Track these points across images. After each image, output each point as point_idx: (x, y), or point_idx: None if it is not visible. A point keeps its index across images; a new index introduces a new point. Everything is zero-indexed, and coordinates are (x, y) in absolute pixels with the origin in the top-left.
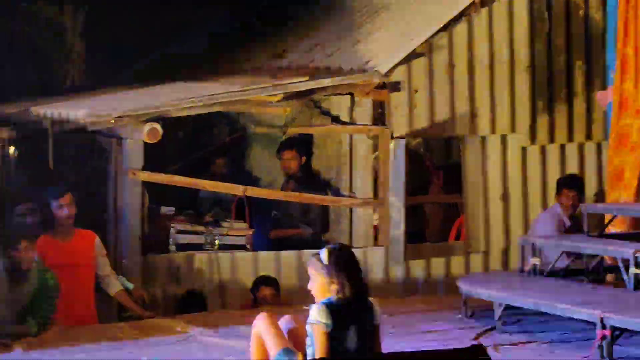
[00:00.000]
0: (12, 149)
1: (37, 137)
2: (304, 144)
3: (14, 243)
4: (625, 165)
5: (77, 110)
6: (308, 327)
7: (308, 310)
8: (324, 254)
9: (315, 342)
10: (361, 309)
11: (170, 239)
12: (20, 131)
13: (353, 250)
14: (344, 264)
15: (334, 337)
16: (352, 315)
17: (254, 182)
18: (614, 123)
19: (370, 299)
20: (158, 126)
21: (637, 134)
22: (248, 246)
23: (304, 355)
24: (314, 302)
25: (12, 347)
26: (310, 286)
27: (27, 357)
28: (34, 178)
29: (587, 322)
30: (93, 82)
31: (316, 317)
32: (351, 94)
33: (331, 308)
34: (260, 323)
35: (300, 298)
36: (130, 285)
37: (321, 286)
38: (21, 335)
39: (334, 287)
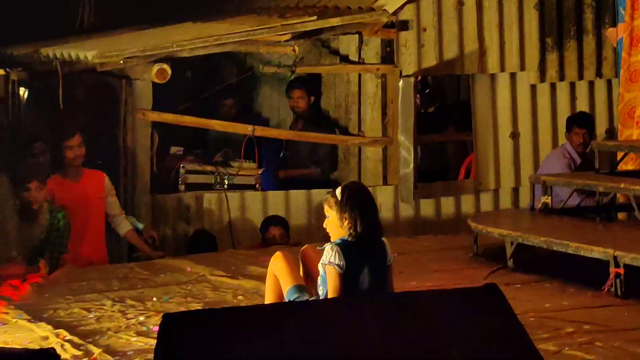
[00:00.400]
0: (22, 90)
1: (47, 79)
2: (312, 84)
3: (24, 183)
4: (636, 102)
5: (87, 51)
6: (320, 267)
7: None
8: (338, 191)
9: (328, 283)
10: (374, 248)
11: (180, 179)
12: (31, 72)
13: (368, 188)
14: (358, 202)
15: (346, 277)
16: (365, 255)
17: (263, 122)
18: (625, 60)
19: (383, 238)
20: (167, 67)
21: None
22: (257, 186)
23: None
24: (324, 242)
25: (23, 287)
26: (325, 224)
27: (38, 297)
28: (44, 119)
29: (600, 260)
30: (103, 23)
31: (329, 258)
32: (359, 33)
33: (344, 248)
34: (277, 262)
35: (310, 238)
36: (140, 225)
37: (335, 224)
38: (32, 276)
39: (347, 225)
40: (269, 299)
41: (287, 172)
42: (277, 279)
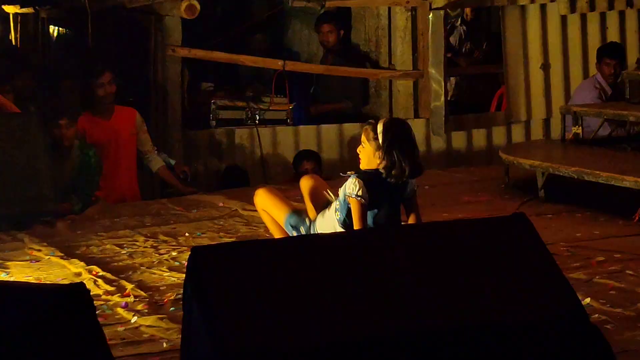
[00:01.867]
0: (51, 28)
1: (76, 16)
2: (342, 17)
3: (55, 120)
4: None
5: None
6: (341, 194)
7: (345, 178)
8: (380, 126)
9: (354, 215)
10: (396, 185)
11: (211, 115)
12: (59, 10)
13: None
14: (397, 144)
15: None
16: (388, 190)
17: (294, 56)
18: None
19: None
20: (196, 2)
21: None
22: (289, 120)
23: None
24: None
25: (55, 225)
26: (359, 150)
27: (70, 234)
28: (74, 57)
29: (631, 189)
30: None
31: (353, 190)
32: None
33: (368, 182)
34: (259, 199)
35: (342, 171)
36: (172, 162)
37: (369, 155)
38: (64, 213)
39: (382, 163)
40: (276, 233)
41: (319, 107)
42: (268, 214)
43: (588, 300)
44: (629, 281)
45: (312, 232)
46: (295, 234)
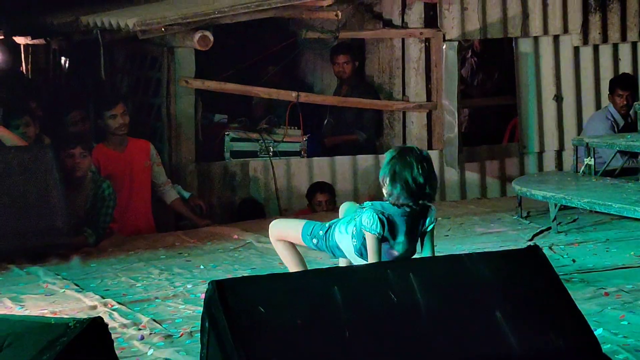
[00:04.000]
0: (63, 59)
1: (88, 48)
2: (356, 49)
3: (67, 149)
4: None
5: (127, 19)
6: (358, 223)
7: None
8: (387, 153)
9: (368, 248)
10: (413, 215)
11: (225, 147)
12: (71, 41)
13: (425, 156)
14: (400, 170)
15: (383, 242)
16: (402, 221)
17: (307, 87)
18: None
19: (431, 205)
20: (209, 34)
21: None
22: (302, 152)
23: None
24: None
25: (70, 257)
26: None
27: (85, 267)
28: (87, 88)
29: None
30: None
31: (368, 224)
32: None
33: (381, 214)
34: (274, 229)
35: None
36: (187, 194)
37: (381, 182)
38: (79, 245)
39: (385, 190)
40: (291, 266)
41: (332, 138)
42: (285, 242)
43: (601, 330)
44: None
45: (327, 241)
46: (315, 241)
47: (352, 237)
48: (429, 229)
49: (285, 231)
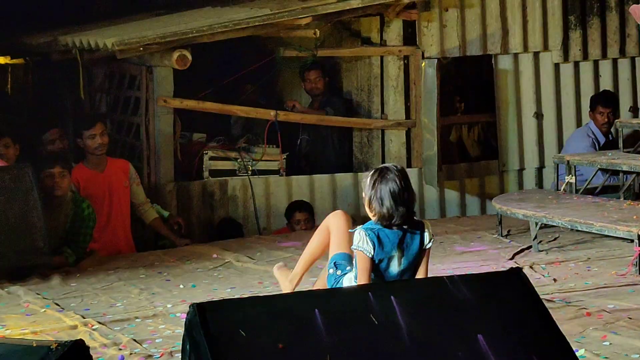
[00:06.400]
0: (42, 79)
1: (67, 67)
2: (327, 65)
3: (46, 168)
4: None
5: (106, 39)
6: (353, 249)
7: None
8: (368, 173)
9: (358, 267)
10: (406, 232)
11: (204, 166)
12: (50, 61)
13: (402, 171)
14: (382, 188)
15: (375, 262)
16: (395, 240)
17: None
18: None
19: (423, 220)
20: (187, 53)
21: None
22: (281, 171)
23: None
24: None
25: (50, 277)
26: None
27: (65, 286)
28: (66, 108)
29: (624, 239)
30: (120, 9)
31: (357, 243)
32: (381, 15)
33: (372, 233)
34: (336, 219)
35: None
36: (166, 213)
37: (366, 206)
38: (59, 265)
39: (370, 210)
40: (313, 251)
41: (304, 111)
42: (330, 234)
43: (582, 351)
44: (622, 332)
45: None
46: (331, 271)
47: (355, 264)
48: (428, 246)
49: (334, 231)
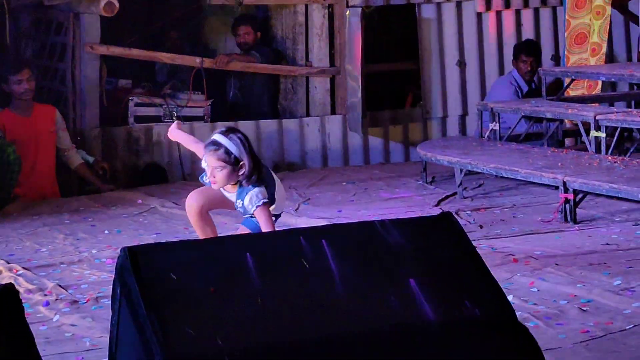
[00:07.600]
0: None
1: None
2: (259, 19)
3: None
4: (587, 29)
5: None
6: (248, 207)
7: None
8: (226, 141)
9: (266, 218)
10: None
11: (129, 112)
12: None
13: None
14: (250, 145)
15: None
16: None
17: (211, 53)
18: None
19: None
20: (115, 0)
21: None
22: (206, 117)
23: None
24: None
25: None
26: (215, 179)
27: None
28: None
29: (549, 186)
30: None
31: (265, 196)
32: None
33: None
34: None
35: None
36: (91, 159)
37: (229, 174)
38: None
39: (249, 171)
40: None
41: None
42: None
43: (511, 297)
44: (550, 278)
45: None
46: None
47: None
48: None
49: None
